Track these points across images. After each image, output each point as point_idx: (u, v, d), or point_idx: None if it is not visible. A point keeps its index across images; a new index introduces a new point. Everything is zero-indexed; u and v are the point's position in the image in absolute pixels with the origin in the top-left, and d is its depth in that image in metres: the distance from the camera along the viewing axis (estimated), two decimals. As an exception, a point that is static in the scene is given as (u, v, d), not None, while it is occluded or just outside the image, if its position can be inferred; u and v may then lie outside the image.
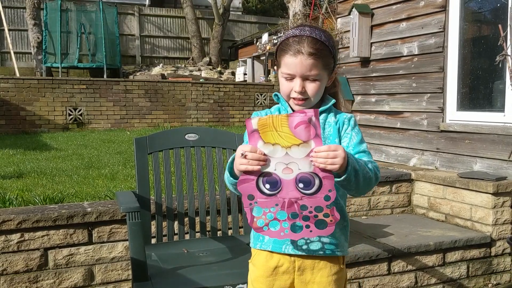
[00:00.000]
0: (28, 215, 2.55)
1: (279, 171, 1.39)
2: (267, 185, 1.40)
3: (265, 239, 1.62)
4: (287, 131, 1.37)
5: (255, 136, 1.38)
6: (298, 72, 1.55)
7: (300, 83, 1.56)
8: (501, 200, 3.30)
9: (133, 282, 2.04)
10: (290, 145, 1.37)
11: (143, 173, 2.40)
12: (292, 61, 1.54)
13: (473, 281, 3.30)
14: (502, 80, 3.65)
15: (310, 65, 1.54)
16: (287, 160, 1.38)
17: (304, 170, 1.38)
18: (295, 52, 1.54)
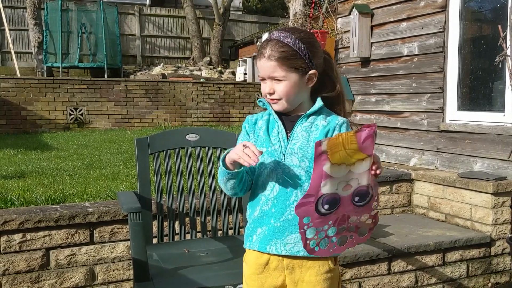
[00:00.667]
0: (30, 215, 2.57)
1: (340, 189, 1.38)
2: (326, 205, 1.39)
3: (253, 239, 1.65)
4: (355, 147, 1.35)
5: (322, 158, 1.34)
6: (264, 74, 1.62)
7: (269, 84, 1.62)
8: (501, 200, 3.31)
9: (134, 282, 2.06)
10: (354, 161, 1.37)
11: (144, 173, 2.42)
12: (258, 63, 1.63)
13: (473, 281, 3.31)
14: (502, 80, 3.66)
15: (273, 67, 1.59)
16: (348, 178, 1.38)
17: (362, 183, 1.40)
18: (259, 55, 1.62)
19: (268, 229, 1.60)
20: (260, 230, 1.62)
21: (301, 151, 1.61)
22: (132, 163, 5.20)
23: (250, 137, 1.69)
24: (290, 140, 1.63)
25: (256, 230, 1.64)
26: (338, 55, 5.35)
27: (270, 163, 1.62)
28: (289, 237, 1.59)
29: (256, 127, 1.69)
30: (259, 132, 1.68)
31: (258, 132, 1.68)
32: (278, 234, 1.59)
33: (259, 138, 1.67)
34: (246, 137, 1.71)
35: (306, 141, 1.62)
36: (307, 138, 1.63)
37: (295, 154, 1.61)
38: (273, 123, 1.68)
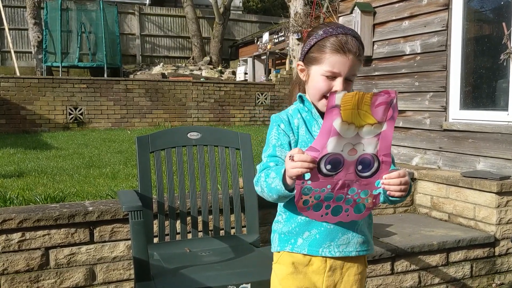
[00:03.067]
0: (29, 214, 2.53)
1: (345, 152, 1.33)
2: (328, 165, 1.34)
3: (298, 242, 1.59)
4: (367, 109, 1.31)
5: (334, 113, 1.29)
6: (345, 72, 1.53)
7: (343, 82, 1.53)
8: (505, 200, 3.28)
9: (135, 281, 2.02)
10: (364, 124, 1.32)
11: (145, 172, 2.38)
12: (342, 60, 1.51)
13: (476, 281, 3.28)
14: (506, 78, 3.63)
15: (356, 66, 1.54)
16: (355, 141, 1.33)
17: (368, 151, 1.35)
18: (346, 51, 1.51)
19: (320, 232, 1.56)
20: (308, 233, 1.57)
21: None
22: (132, 163, 5.16)
23: (290, 137, 1.60)
24: None
25: (303, 234, 1.57)
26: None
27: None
28: (342, 238, 1.57)
29: (293, 126, 1.61)
30: (299, 131, 1.60)
31: (297, 131, 1.61)
32: (331, 236, 1.56)
33: (301, 138, 1.60)
34: (284, 137, 1.59)
35: None
36: None
37: None
38: (311, 121, 1.62)
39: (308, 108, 1.64)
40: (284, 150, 1.57)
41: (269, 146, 1.60)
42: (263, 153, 1.61)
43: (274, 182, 1.45)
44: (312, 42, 1.58)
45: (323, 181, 1.36)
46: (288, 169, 1.35)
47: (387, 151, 1.38)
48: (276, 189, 1.45)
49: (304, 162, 1.31)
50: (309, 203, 1.39)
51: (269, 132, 1.64)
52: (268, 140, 1.63)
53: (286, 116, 1.63)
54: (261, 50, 14.16)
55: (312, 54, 1.58)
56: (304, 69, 1.64)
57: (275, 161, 1.56)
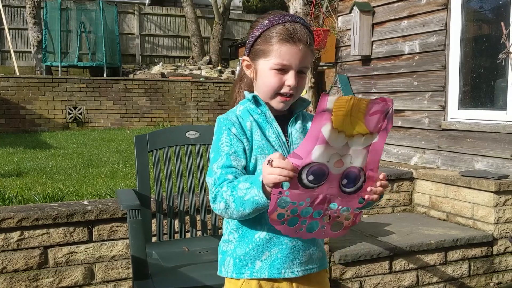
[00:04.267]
0: (28, 213, 2.54)
1: (331, 163, 1.18)
2: (311, 176, 1.18)
3: (256, 266, 1.39)
4: (361, 117, 1.17)
5: (324, 117, 1.14)
6: (297, 64, 1.37)
7: (296, 76, 1.38)
8: (503, 199, 3.28)
9: (133, 280, 2.03)
10: (355, 133, 1.18)
11: (143, 171, 2.39)
12: (291, 50, 1.36)
13: (474, 280, 3.29)
14: (504, 78, 3.64)
15: (308, 57, 1.39)
16: (343, 152, 1.18)
17: (355, 164, 1.21)
18: (296, 40, 1.35)
19: (282, 250, 1.38)
20: (269, 253, 1.39)
21: None
22: (131, 162, 5.17)
23: (244, 142, 1.39)
24: (291, 144, 1.44)
25: (262, 255, 1.38)
26: (339, 54, 5.32)
27: None
28: (304, 255, 1.42)
29: (246, 129, 1.41)
30: (254, 136, 1.40)
31: (251, 136, 1.40)
32: (294, 254, 1.40)
33: (256, 143, 1.39)
34: (238, 143, 1.38)
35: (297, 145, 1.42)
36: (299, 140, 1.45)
37: None
38: (264, 125, 1.43)
39: (261, 111, 1.44)
40: (239, 159, 1.37)
41: (221, 155, 1.37)
42: (213, 163, 1.38)
43: (248, 194, 1.24)
44: (257, 33, 1.40)
45: (302, 193, 1.19)
46: (265, 175, 1.18)
47: (375, 166, 1.25)
48: (251, 201, 1.24)
49: (283, 170, 1.14)
50: (284, 216, 1.22)
51: (218, 138, 1.41)
52: (217, 147, 1.39)
53: (236, 118, 1.42)
54: (261, 49, 14.15)
55: (258, 47, 1.40)
56: (250, 64, 1.45)
57: (232, 172, 1.34)
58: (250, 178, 1.27)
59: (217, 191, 1.32)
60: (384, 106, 1.19)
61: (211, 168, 1.38)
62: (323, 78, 9.92)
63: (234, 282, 1.43)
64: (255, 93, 1.46)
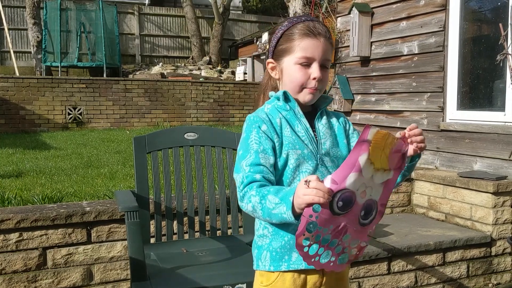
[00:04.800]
0: (27, 214, 2.54)
1: (359, 192, 1.22)
2: (340, 202, 1.19)
3: (293, 258, 1.43)
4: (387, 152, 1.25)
5: (363, 147, 1.19)
6: (319, 55, 1.44)
7: (319, 68, 1.44)
8: (501, 200, 3.29)
9: (131, 281, 2.03)
10: (380, 168, 1.24)
11: (142, 172, 2.39)
12: (314, 43, 1.43)
13: (473, 281, 3.29)
14: (503, 79, 3.64)
15: (329, 50, 1.46)
16: (368, 183, 1.23)
17: (374, 197, 1.26)
18: (316, 33, 1.44)
19: None
20: None
21: (332, 151, 1.48)
22: (130, 163, 5.17)
23: (274, 139, 1.42)
24: (319, 138, 1.48)
25: None
26: (338, 54, 5.33)
27: (308, 168, 1.43)
28: None
29: (276, 126, 1.44)
30: (285, 132, 1.44)
31: (282, 132, 1.44)
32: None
33: (287, 139, 1.43)
34: (267, 141, 1.41)
35: (333, 140, 1.51)
36: (333, 136, 1.52)
37: (327, 156, 1.47)
38: (294, 120, 1.48)
39: (290, 107, 1.48)
40: (268, 157, 1.39)
41: (250, 152, 1.39)
42: (242, 160, 1.40)
43: (277, 209, 1.26)
44: (279, 34, 1.48)
45: (329, 219, 1.21)
46: (300, 195, 1.19)
47: (386, 201, 1.31)
48: (279, 216, 1.26)
49: (319, 191, 1.15)
50: (309, 242, 1.23)
51: (247, 135, 1.43)
52: (246, 145, 1.42)
53: (266, 116, 1.46)
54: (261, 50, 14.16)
55: (281, 46, 1.48)
56: (275, 65, 1.52)
57: (260, 171, 1.37)
58: (281, 193, 1.27)
59: (245, 192, 1.35)
60: (403, 147, 1.30)
61: (239, 165, 1.40)
62: (322, 78, 9.92)
63: (267, 276, 1.46)
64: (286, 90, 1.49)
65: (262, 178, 1.36)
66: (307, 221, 1.19)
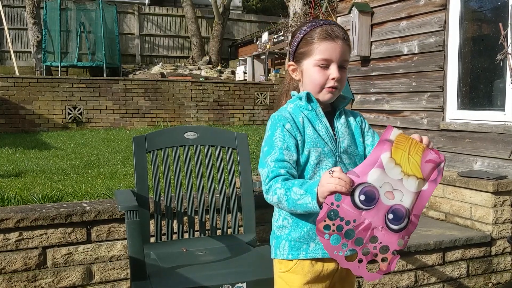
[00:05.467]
0: (27, 213, 2.54)
1: (383, 191, 1.27)
2: (362, 196, 1.27)
3: (311, 247, 1.52)
4: (418, 160, 1.29)
5: (385, 146, 1.28)
6: (337, 57, 1.52)
7: (338, 69, 1.52)
8: (501, 199, 3.29)
9: (131, 281, 2.03)
10: (411, 174, 1.28)
11: (141, 171, 2.39)
12: (331, 46, 1.51)
13: (473, 280, 3.29)
14: (503, 79, 3.64)
15: (347, 52, 1.54)
16: (396, 185, 1.28)
17: (404, 203, 1.29)
18: (334, 36, 1.51)
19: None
20: None
21: (350, 149, 1.57)
22: (130, 162, 5.17)
23: (298, 137, 1.51)
24: (338, 137, 1.57)
25: (316, 237, 1.47)
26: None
27: (328, 165, 1.52)
28: None
29: (299, 125, 1.54)
30: (306, 131, 1.53)
31: (304, 131, 1.53)
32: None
33: (309, 137, 1.52)
34: (290, 139, 1.50)
35: (351, 138, 1.59)
36: (350, 135, 1.60)
37: (345, 153, 1.55)
38: (315, 120, 1.56)
39: (312, 107, 1.57)
40: (291, 154, 1.49)
41: (275, 149, 1.49)
42: (267, 156, 1.49)
43: (302, 199, 1.36)
44: (298, 38, 1.57)
45: (351, 211, 1.27)
46: (324, 183, 1.29)
47: (419, 213, 1.33)
48: (304, 206, 1.36)
49: (341, 181, 1.26)
50: (330, 230, 1.29)
51: (272, 133, 1.52)
52: (271, 142, 1.51)
53: (289, 115, 1.54)
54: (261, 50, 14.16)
55: (301, 50, 1.57)
56: (296, 68, 1.61)
57: (284, 166, 1.46)
58: (305, 185, 1.37)
59: (270, 185, 1.45)
60: (438, 159, 1.32)
61: (264, 161, 1.50)
62: (322, 78, 9.92)
63: (286, 263, 1.56)
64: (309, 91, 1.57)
65: (286, 173, 1.45)
66: (328, 208, 1.27)
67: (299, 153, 1.51)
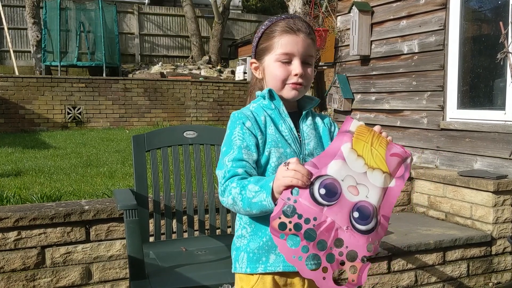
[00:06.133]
0: (25, 212, 2.53)
1: (345, 184, 1.16)
2: (322, 189, 1.14)
3: (271, 260, 1.38)
4: (382, 153, 1.20)
5: (346, 137, 1.18)
6: (300, 51, 1.42)
7: (301, 64, 1.42)
8: (502, 199, 3.28)
9: (130, 280, 2.02)
10: (375, 167, 1.19)
11: (141, 171, 2.38)
12: (293, 39, 1.42)
13: (473, 280, 3.28)
14: (503, 78, 3.63)
15: (310, 45, 1.44)
16: (360, 179, 1.17)
17: (371, 200, 1.17)
18: (295, 30, 1.42)
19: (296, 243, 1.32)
20: None
21: (316, 152, 1.46)
22: (129, 162, 5.16)
23: (258, 136, 1.41)
24: (303, 139, 1.47)
25: (276, 248, 1.32)
26: (338, 53, 5.32)
27: None
28: None
29: (260, 123, 1.43)
30: (268, 130, 1.43)
31: (266, 130, 1.43)
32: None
33: (271, 137, 1.42)
34: (250, 137, 1.39)
35: (318, 141, 1.49)
36: (317, 137, 1.50)
37: (311, 156, 1.44)
38: (278, 120, 1.46)
39: (275, 105, 1.47)
40: (251, 153, 1.38)
41: (233, 148, 1.38)
42: (225, 156, 1.39)
43: (257, 197, 1.24)
44: (259, 33, 1.49)
45: (310, 207, 1.14)
46: (279, 177, 1.18)
47: (388, 214, 1.21)
48: (259, 204, 1.24)
49: (298, 173, 1.15)
50: (286, 229, 1.14)
51: (231, 132, 1.42)
52: (230, 141, 1.41)
53: (251, 113, 1.44)
54: (260, 49, 14.13)
55: (262, 45, 1.48)
56: (258, 65, 1.51)
57: (242, 165, 1.35)
58: (261, 181, 1.26)
59: (226, 185, 1.33)
60: (404, 153, 1.23)
61: (222, 161, 1.39)
62: (322, 77, 9.91)
63: (247, 280, 1.42)
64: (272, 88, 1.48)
65: (244, 172, 1.34)
66: (284, 204, 1.14)
67: (260, 153, 1.40)
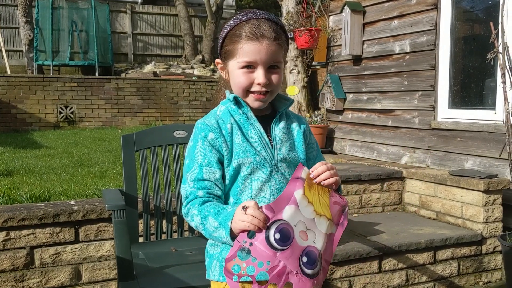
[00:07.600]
0: (14, 213, 2.51)
1: (297, 230, 1.20)
2: (277, 234, 1.18)
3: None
4: (327, 200, 1.27)
5: (298, 183, 1.23)
6: (263, 59, 1.34)
7: (264, 73, 1.35)
8: (492, 198, 3.29)
9: (118, 281, 2.01)
10: (322, 214, 1.25)
11: (130, 170, 2.37)
12: (256, 47, 1.33)
13: (464, 279, 3.29)
14: (493, 78, 3.65)
15: (275, 51, 1.35)
16: (310, 225, 1.22)
17: (317, 245, 1.23)
18: (259, 36, 1.33)
19: None
20: None
21: (289, 156, 1.42)
22: (121, 162, 5.14)
23: (223, 148, 1.36)
24: (274, 144, 1.42)
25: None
26: (331, 53, 5.32)
27: (261, 175, 1.37)
28: None
29: (226, 133, 1.38)
30: (235, 140, 1.38)
31: (233, 140, 1.38)
32: None
33: (238, 147, 1.37)
34: (212, 153, 1.36)
35: (291, 145, 1.44)
36: (290, 141, 1.45)
37: (283, 161, 1.41)
38: (247, 126, 1.41)
39: (243, 111, 1.42)
40: (213, 170, 1.35)
41: (194, 165, 1.36)
42: (187, 172, 1.37)
43: (217, 232, 1.26)
44: (223, 34, 1.40)
45: (265, 251, 1.17)
46: (236, 220, 1.20)
47: (329, 259, 1.28)
48: (220, 239, 1.27)
49: (254, 218, 1.16)
50: (240, 271, 1.16)
51: (194, 145, 1.38)
52: (192, 155, 1.37)
53: (215, 122, 1.39)
54: (254, 49, 14.13)
55: (226, 48, 1.40)
56: (223, 66, 1.45)
57: (203, 186, 1.34)
58: (220, 215, 1.26)
59: (188, 208, 1.35)
60: (342, 202, 1.30)
61: (184, 177, 1.38)
62: (315, 77, 9.90)
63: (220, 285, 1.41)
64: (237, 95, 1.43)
65: (206, 194, 1.34)
66: (240, 246, 1.17)
67: (226, 166, 1.37)
